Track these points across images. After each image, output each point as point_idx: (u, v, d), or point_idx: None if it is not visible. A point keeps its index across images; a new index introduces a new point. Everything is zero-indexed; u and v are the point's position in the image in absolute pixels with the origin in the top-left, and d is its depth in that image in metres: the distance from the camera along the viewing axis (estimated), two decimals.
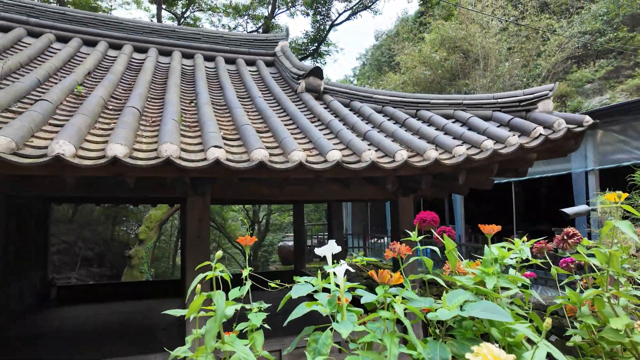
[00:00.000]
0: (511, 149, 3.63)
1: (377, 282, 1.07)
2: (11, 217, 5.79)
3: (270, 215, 24.62)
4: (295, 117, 4.32)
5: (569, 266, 1.44)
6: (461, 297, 1.06)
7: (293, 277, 5.36)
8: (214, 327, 0.83)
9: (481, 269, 1.15)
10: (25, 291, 6.41)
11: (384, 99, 4.94)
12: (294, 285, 1.22)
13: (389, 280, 0.92)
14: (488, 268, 1.13)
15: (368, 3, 17.99)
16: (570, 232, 1.30)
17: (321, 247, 1.34)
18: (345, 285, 1.17)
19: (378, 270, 0.98)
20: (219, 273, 0.93)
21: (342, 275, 1.15)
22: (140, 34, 6.28)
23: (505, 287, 1.11)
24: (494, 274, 1.11)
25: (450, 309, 1.04)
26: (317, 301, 1.19)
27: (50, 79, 4.25)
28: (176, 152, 2.76)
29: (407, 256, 1.18)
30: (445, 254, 1.26)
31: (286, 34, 7.26)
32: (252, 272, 1.27)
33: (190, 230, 3.77)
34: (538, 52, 15.83)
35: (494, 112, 4.37)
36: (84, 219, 19.68)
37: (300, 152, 3.13)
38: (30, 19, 5.60)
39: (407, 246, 1.18)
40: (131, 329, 5.66)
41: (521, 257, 1.23)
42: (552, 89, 4.18)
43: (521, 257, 1.23)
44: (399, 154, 3.36)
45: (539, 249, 1.42)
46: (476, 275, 1.18)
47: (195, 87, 5.00)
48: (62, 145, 2.49)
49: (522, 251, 1.22)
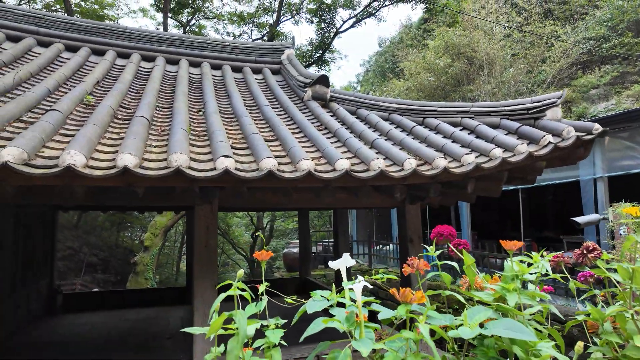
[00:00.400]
0: (520, 157, 3.61)
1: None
2: (19, 226, 5.82)
3: (274, 221, 24.61)
4: (303, 125, 4.32)
5: (587, 280, 1.42)
6: (482, 315, 1.05)
7: (299, 284, 5.38)
8: (236, 348, 0.82)
9: (501, 285, 1.13)
10: (32, 299, 6.42)
11: (391, 107, 4.94)
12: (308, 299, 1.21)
13: (411, 299, 0.91)
14: (508, 284, 1.11)
15: (372, 11, 18.09)
16: (590, 247, 1.28)
17: (335, 261, 1.33)
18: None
19: (399, 288, 0.97)
20: (239, 292, 0.92)
21: (360, 292, 1.14)
22: (148, 43, 6.34)
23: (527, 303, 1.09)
24: (515, 290, 1.09)
25: (472, 327, 1.02)
26: (334, 317, 1.18)
27: (60, 89, 4.29)
28: (186, 162, 2.77)
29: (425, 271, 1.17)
30: (464, 269, 1.24)
31: (292, 42, 7.30)
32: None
33: (197, 238, 3.76)
34: (543, 58, 15.82)
35: (501, 120, 4.36)
36: (89, 225, 19.77)
37: (308, 161, 3.13)
38: (40, 29, 5.68)
39: (425, 261, 1.17)
40: (137, 338, 5.65)
41: (540, 272, 1.21)
42: (560, 97, 4.17)
43: (540, 272, 1.21)
44: (407, 163, 3.35)
45: (556, 262, 1.40)
46: (496, 291, 1.16)
47: (203, 95, 5.03)
48: (73, 156, 2.50)
49: (542, 267, 1.21)
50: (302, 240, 9.12)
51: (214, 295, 3.77)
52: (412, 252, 4.55)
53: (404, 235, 4.60)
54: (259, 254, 1.23)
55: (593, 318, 1.21)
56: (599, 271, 1.28)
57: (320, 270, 11.75)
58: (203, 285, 3.72)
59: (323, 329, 1.17)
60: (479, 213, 10.10)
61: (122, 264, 19.44)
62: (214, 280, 3.79)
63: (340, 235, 7.00)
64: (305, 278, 8.90)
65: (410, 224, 4.57)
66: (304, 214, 9.21)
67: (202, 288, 3.72)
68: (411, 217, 4.60)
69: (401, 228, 4.68)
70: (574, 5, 18.00)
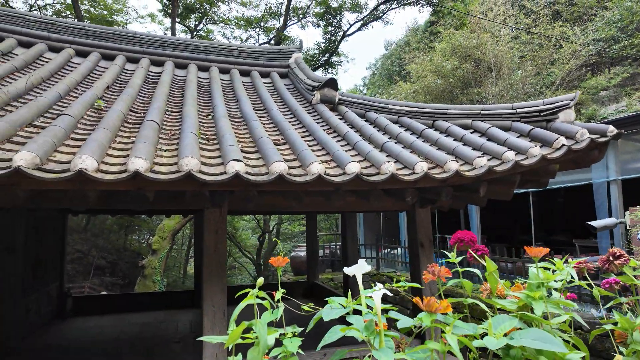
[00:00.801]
0: (533, 160, 3.55)
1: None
2: (30, 229, 5.87)
3: (281, 224, 24.59)
4: (312, 129, 4.31)
5: (612, 287, 1.37)
6: (507, 324, 1.01)
7: (307, 288, 5.31)
8: (256, 358, 0.79)
9: (526, 293, 1.09)
10: (43, 303, 6.46)
11: (400, 110, 4.91)
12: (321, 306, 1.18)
13: (436, 308, 0.87)
14: (534, 292, 1.08)
15: (379, 14, 18.09)
16: (617, 253, 1.24)
17: (350, 267, 1.30)
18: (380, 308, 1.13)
19: (422, 296, 0.94)
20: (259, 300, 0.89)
21: (380, 300, 1.11)
22: (157, 48, 6.38)
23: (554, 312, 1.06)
24: (541, 298, 1.06)
25: (497, 336, 0.98)
26: (352, 325, 1.15)
27: (71, 93, 4.32)
28: (197, 166, 2.76)
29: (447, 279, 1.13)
30: (485, 276, 1.21)
31: (300, 46, 7.31)
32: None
33: (207, 242, 3.75)
34: (551, 60, 15.67)
35: (513, 123, 4.30)
36: (97, 228, 19.93)
37: (319, 165, 3.10)
38: (52, 35, 5.73)
39: (447, 268, 1.13)
40: (146, 341, 5.65)
41: (566, 279, 1.17)
42: (573, 99, 4.10)
43: (566, 279, 1.17)
44: (418, 166, 3.31)
45: (579, 268, 1.36)
46: (520, 299, 1.13)
47: (212, 99, 5.04)
48: (85, 160, 2.51)
49: (568, 274, 1.17)
50: (309, 244, 9.09)
51: (223, 299, 3.75)
52: (422, 257, 4.50)
53: (414, 239, 4.55)
54: (274, 259, 1.21)
55: (622, 327, 1.17)
56: (626, 278, 1.24)
57: (328, 274, 11.70)
58: (212, 289, 3.70)
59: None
60: (488, 216, 10.00)
61: (130, 267, 19.56)
62: (223, 284, 3.77)
63: (348, 239, 6.95)
64: (313, 282, 8.86)
65: (421, 228, 4.52)
66: (312, 217, 9.18)
67: (211, 292, 3.70)
68: (421, 220, 4.55)
69: (411, 232, 4.63)
70: (582, 6, 17.85)
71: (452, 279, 1.19)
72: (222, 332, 3.71)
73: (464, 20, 16.91)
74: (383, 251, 12.12)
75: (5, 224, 5.28)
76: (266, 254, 23.27)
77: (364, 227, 13.54)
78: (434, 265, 1.15)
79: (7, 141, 2.78)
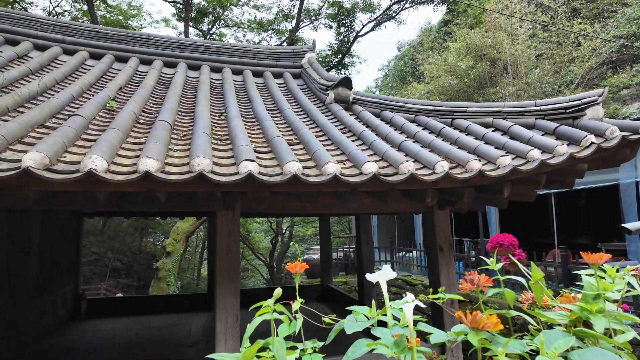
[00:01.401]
0: (560, 159, 3.37)
1: None
2: (45, 232, 5.89)
3: (294, 227, 24.50)
4: (326, 128, 4.19)
5: None
6: (563, 342, 0.87)
7: (320, 292, 5.14)
8: None
9: (581, 305, 0.95)
10: (58, 305, 6.48)
11: (417, 108, 4.75)
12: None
13: (484, 325, 0.74)
14: (591, 305, 0.93)
15: (392, 14, 17.91)
16: None
17: (374, 273, 1.18)
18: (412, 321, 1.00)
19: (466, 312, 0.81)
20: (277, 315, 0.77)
21: (411, 313, 0.98)
22: (170, 49, 6.36)
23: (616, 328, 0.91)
24: (601, 312, 0.91)
25: (552, 356, 0.85)
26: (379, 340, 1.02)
27: (84, 95, 4.30)
28: (209, 167, 2.67)
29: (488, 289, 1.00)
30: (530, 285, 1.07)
31: (313, 46, 7.21)
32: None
33: (219, 245, 3.66)
34: (570, 58, 15.24)
35: (537, 120, 4.11)
36: (113, 230, 20.18)
37: (334, 165, 2.98)
38: (66, 38, 5.76)
39: (487, 276, 1.00)
40: (159, 345, 5.59)
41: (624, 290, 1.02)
42: (602, 95, 3.90)
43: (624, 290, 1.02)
44: (439, 166, 3.16)
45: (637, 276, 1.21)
46: (572, 311, 0.98)
47: (225, 100, 4.97)
48: (95, 160, 2.44)
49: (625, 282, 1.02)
50: (323, 246, 8.95)
51: (236, 303, 3.66)
52: (441, 261, 4.33)
53: (433, 242, 4.38)
54: (292, 265, 1.09)
55: None
56: None
57: (342, 277, 11.54)
58: (225, 293, 3.61)
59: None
60: (505, 218, 9.71)
61: (145, 268, 19.74)
62: (237, 287, 3.67)
63: (363, 242, 6.80)
64: (327, 285, 8.72)
65: (440, 231, 4.35)
66: (325, 219, 9.05)
67: (224, 296, 3.61)
68: (440, 223, 4.38)
69: (429, 235, 4.47)
70: (601, 3, 17.35)
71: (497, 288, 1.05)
72: (235, 338, 3.61)
73: (480, 18, 16.60)
74: (397, 254, 11.91)
75: (21, 226, 5.30)
76: (279, 256, 23.22)
77: (377, 229, 13.33)
78: (473, 273, 1.01)
79: (17, 142, 2.73)
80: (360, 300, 6.91)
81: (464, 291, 1.00)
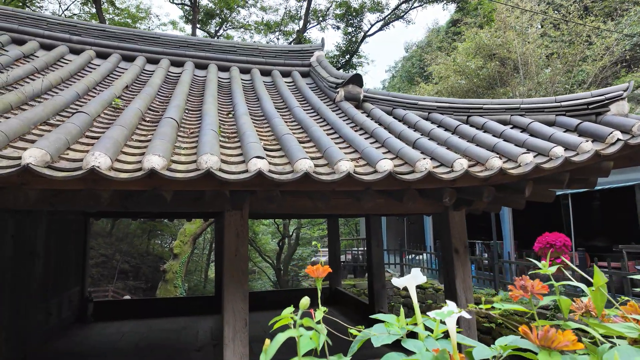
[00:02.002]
0: (585, 157, 3.19)
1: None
2: (51, 233, 5.82)
3: (300, 229, 24.36)
4: (337, 126, 4.05)
5: None
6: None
7: (329, 295, 4.94)
8: None
9: None
10: (64, 307, 6.40)
11: (430, 106, 4.60)
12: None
13: (560, 343, 0.60)
14: None
15: (400, 13, 17.76)
16: None
17: (401, 278, 1.04)
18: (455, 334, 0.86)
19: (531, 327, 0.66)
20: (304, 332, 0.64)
21: (455, 326, 0.84)
22: (177, 48, 6.28)
23: None
24: None
25: None
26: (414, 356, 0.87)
27: (89, 93, 4.21)
28: (217, 164, 2.55)
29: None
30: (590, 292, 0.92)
31: (321, 44, 7.09)
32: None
33: (227, 246, 3.54)
34: (582, 57, 14.95)
35: (557, 117, 3.94)
36: (121, 232, 20.21)
37: (347, 162, 2.84)
38: (73, 37, 5.70)
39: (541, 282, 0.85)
40: (166, 349, 5.48)
41: None
42: (627, 89, 3.71)
43: None
44: (457, 163, 3.00)
45: None
46: None
47: (233, 98, 4.86)
48: (98, 158, 2.32)
49: None
50: (331, 248, 8.81)
51: (244, 306, 3.53)
52: (457, 264, 4.16)
53: (448, 245, 4.21)
54: (312, 269, 0.95)
55: None
56: None
57: (350, 280, 11.36)
58: (233, 295, 3.48)
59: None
60: (519, 220, 9.47)
61: (152, 271, 19.73)
62: (245, 290, 3.54)
63: (373, 244, 6.64)
64: (336, 288, 8.57)
65: (455, 232, 4.19)
66: (334, 220, 8.90)
67: (232, 299, 3.48)
68: (455, 224, 4.22)
69: (444, 237, 4.30)
70: (613, 1, 17.03)
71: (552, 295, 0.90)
72: (243, 343, 3.48)
73: (491, 16, 16.36)
74: (407, 257, 11.71)
75: (27, 227, 5.23)
76: (286, 259, 23.08)
77: (386, 231, 13.13)
78: (525, 278, 0.86)
79: (19, 139, 2.64)
80: (370, 305, 6.75)
81: (515, 299, 0.86)
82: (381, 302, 6.55)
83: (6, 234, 4.67)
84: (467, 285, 4.20)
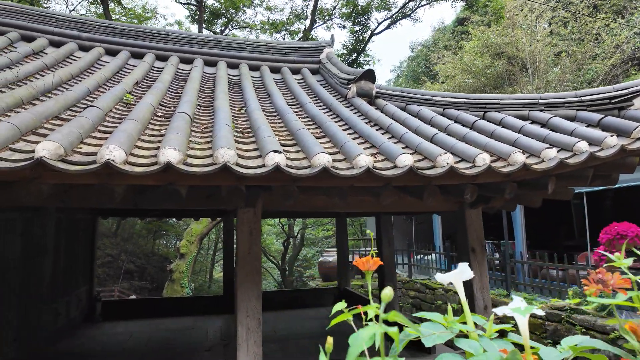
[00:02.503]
0: (611, 152, 3.09)
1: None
2: (60, 233, 5.78)
3: (305, 229, 24.26)
4: (352, 122, 3.97)
5: None
6: None
7: (337, 295, 4.82)
8: None
9: None
10: (72, 307, 6.36)
11: (445, 101, 4.51)
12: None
13: None
14: None
15: (408, 12, 17.64)
16: None
17: (447, 273, 0.95)
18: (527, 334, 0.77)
19: None
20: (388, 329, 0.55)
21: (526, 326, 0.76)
22: (186, 45, 6.23)
23: None
24: None
25: None
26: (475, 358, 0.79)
27: (100, 89, 4.16)
28: (233, 158, 2.47)
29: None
30: None
31: (331, 41, 7.01)
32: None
33: (240, 244, 3.46)
34: (592, 55, 14.76)
35: (578, 112, 3.84)
36: (127, 232, 20.21)
37: (367, 157, 2.76)
38: (82, 34, 5.66)
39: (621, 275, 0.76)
40: (175, 349, 5.41)
41: None
42: None
43: None
44: (479, 158, 2.91)
45: None
46: None
47: (243, 94, 4.80)
48: (112, 151, 2.26)
49: None
50: (340, 248, 8.72)
51: (258, 306, 3.45)
52: (474, 263, 4.06)
53: (465, 244, 4.12)
54: (361, 261, 0.86)
55: None
56: None
57: (358, 280, 11.27)
58: (247, 294, 3.40)
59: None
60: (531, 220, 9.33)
61: (158, 271, 19.72)
62: (259, 289, 3.47)
63: (384, 243, 6.55)
64: (345, 288, 8.48)
65: (472, 231, 4.09)
66: (342, 221, 8.81)
67: (245, 298, 3.40)
68: (472, 222, 4.12)
69: (461, 235, 4.20)
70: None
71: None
72: (257, 343, 3.40)
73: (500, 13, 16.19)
74: (415, 257, 11.59)
75: (36, 226, 5.19)
76: (291, 259, 22.98)
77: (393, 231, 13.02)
78: (601, 270, 0.78)
79: (31, 133, 2.58)
80: None
81: (594, 294, 0.77)
82: (392, 302, 6.45)
83: (15, 233, 4.63)
84: (484, 284, 4.10)
